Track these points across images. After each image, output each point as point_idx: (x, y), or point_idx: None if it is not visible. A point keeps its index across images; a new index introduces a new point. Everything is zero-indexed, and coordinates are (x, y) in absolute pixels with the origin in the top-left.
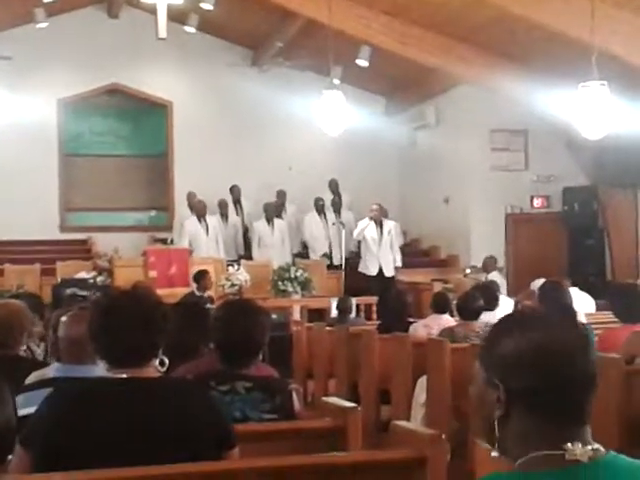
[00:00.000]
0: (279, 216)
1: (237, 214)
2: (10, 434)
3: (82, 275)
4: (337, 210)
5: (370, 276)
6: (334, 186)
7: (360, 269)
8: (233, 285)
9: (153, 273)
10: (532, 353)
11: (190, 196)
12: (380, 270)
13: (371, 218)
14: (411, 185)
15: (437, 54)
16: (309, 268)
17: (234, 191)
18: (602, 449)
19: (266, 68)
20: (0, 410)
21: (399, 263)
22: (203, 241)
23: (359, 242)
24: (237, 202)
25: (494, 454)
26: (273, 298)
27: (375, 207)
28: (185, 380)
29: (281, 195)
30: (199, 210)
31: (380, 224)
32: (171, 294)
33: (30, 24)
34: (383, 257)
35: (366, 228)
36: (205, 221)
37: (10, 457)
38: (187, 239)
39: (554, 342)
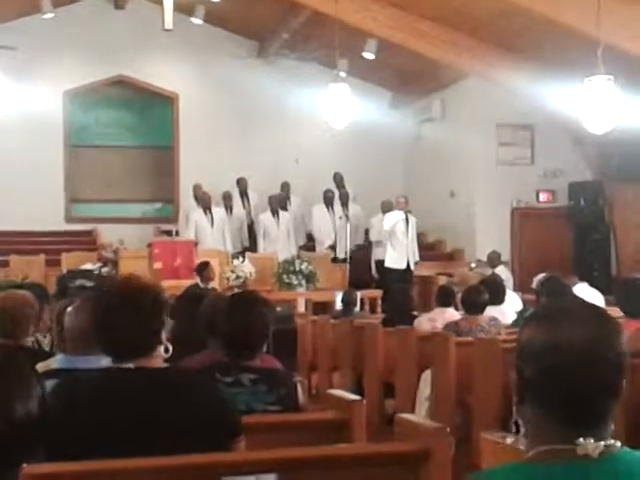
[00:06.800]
0: (284, 208)
1: (243, 206)
2: (31, 431)
3: (87, 266)
4: (345, 203)
5: (399, 270)
6: (339, 180)
7: (387, 264)
8: (238, 277)
9: (158, 265)
10: (541, 344)
11: (196, 188)
12: (407, 263)
13: (402, 210)
14: (416, 179)
15: (443, 47)
16: (314, 261)
17: (241, 183)
18: (617, 445)
19: (272, 60)
20: (20, 403)
21: (417, 257)
22: (208, 233)
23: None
24: (244, 194)
25: (521, 438)
26: (278, 291)
27: (402, 199)
28: (191, 371)
29: (285, 187)
30: (204, 202)
31: (406, 217)
32: (176, 286)
33: (36, 14)
34: (410, 250)
35: (397, 221)
36: (211, 213)
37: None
38: (193, 230)
39: (566, 338)
